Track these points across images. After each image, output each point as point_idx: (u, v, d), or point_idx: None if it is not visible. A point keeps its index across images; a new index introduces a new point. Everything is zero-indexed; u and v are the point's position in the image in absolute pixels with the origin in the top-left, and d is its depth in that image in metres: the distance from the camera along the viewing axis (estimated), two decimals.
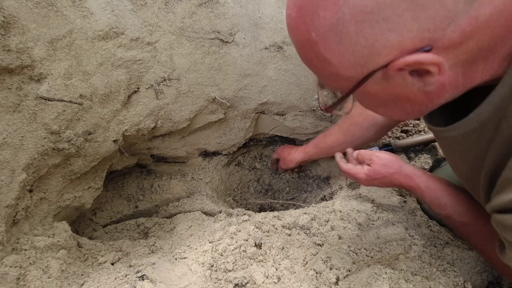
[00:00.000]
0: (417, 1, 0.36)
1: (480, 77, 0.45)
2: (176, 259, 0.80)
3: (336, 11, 0.39)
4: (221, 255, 0.77)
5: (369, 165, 0.84)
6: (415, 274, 0.74)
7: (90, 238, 0.96)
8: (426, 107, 0.49)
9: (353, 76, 0.45)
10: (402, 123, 1.32)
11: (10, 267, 0.68)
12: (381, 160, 0.82)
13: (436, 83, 0.43)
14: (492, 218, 0.52)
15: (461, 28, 0.38)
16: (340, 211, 1.00)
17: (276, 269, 0.75)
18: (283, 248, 0.82)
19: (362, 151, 0.88)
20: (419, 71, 0.42)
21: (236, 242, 0.80)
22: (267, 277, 0.73)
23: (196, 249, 0.83)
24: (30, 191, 0.81)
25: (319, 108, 1.19)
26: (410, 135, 1.28)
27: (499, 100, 0.44)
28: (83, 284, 0.72)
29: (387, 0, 0.37)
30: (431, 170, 1.13)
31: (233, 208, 1.11)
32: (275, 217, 0.99)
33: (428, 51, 0.39)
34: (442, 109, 0.53)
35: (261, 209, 1.40)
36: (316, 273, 0.73)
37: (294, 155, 1.25)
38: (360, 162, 0.89)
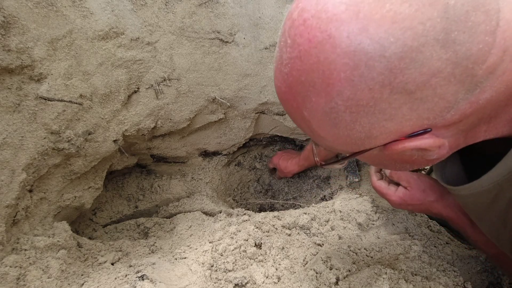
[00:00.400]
0: (414, 96, 0.35)
1: (483, 136, 0.44)
2: (176, 259, 0.80)
3: (329, 100, 0.37)
4: (221, 255, 0.77)
5: (405, 187, 0.74)
6: (415, 274, 0.74)
7: (90, 238, 0.96)
8: (428, 165, 0.48)
9: (347, 151, 0.44)
10: None
11: (10, 267, 0.68)
12: (420, 184, 0.72)
13: (435, 155, 0.42)
14: None
15: (461, 111, 0.37)
16: (340, 211, 1.00)
17: (276, 269, 0.75)
18: (283, 248, 0.82)
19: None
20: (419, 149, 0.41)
21: (236, 242, 0.80)
22: (267, 277, 0.73)
23: (196, 249, 0.83)
24: (30, 191, 0.81)
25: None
26: None
27: None
28: (83, 284, 0.72)
29: (383, 95, 0.35)
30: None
31: (233, 208, 1.11)
32: (275, 217, 0.99)
33: (427, 132, 0.38)
34: (455, 165, 0.52)
35: (261, 209, 1.40)
36: (316, 273, 0.73)
37: (289, 168, 1.29)
38: (394, 181, 0.79)
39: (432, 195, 0.70)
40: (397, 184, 0.76)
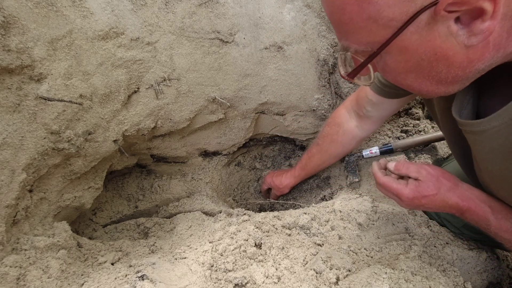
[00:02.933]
0: None
1: None
2: (176, 259, 0.80)
3: None
4: (221, 255, 0.77)
5: (416, 179, 0.67)
6: (415, 274, 0.74)
7: (90, 238, 0.96)
8: (463, 73, 0.44)
9: (395, 19, 0.40)
10: (402, 122, 1.32)
11: (10, 267, 0.68)
12: (432, 173, 0.66)
13: (482, 33, 0.40)
14: None
15: None
16: (340, 211, 1.00)
17: (276, 269, 0.75)
18: (283, 248, 0.82)
19: (404, 161, 0.70)
20: (470, 13, 0.39)
21: (236, 242, 0.80)
22: (267, 277, 0.73)
23: (196, 249, 0.83)
24: (30, 191, 0.81)
25: (339, 76, 1.19)
26: (410, 135, 1.28)
27: None
28: (83, 284, 0.72)
29: None
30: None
31: (233, 208, 1.11)
32: (275, 217, 0.99)
33: None
34: (472, 105, 0.50)
35: (261, 209, 1.40)
36: (316, 273, 0.73)
37: (285, 182, 1.27)
38: (401, 176, 0.72)
39: (447, 183, 0.64)
40: (405, 180, 0.70)
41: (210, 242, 0.85)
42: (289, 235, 0.92)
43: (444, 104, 0.65)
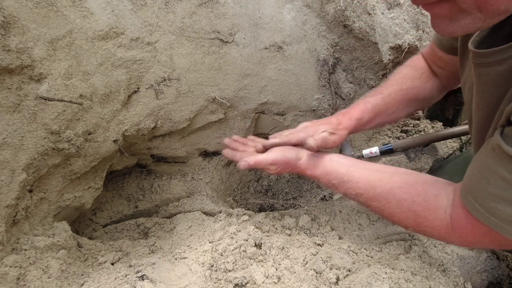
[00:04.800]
0: None
1: None
2: (176, 259, 0.80)
3: None
4: (221, 255, 0.77)
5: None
6: (415, 274, 0.74)
7: (90, 238, 0.96)
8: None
9: None
10: (402, 122, 1.32)
11: (10, 267, 0.68)
12: (274, 166, 0.74)
13: None
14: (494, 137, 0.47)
15: None
16: (340, 211, 1.00)
17: (276, 269, 0.75)
18: (283, 248, 0.82)
19: (257, 162, 0.75)
20: None
21: (236, 242, 0.80)
22: (267, 277, 0.73)
23: (196, 249, 0.83)
24: (30, 191, 0.81)
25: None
26: (410, 135, 1.28)
27: None
28: (83, 284, 0.72)
29: None
30: (431, 170, 1.13)
31: (233, 208, 1.11)
32: (275, 217, 0.99)
33: None
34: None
35: (261, 209, 1.40)
36: (316, 273, 0.73)
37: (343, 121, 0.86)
38: None
39: (288, 169, 0.74)
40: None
41: (210, 242, 0.85)
42: (289, 235, 0.92)
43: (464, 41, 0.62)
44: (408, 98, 0.86)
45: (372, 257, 0.83)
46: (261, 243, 0.82)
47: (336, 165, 0.72)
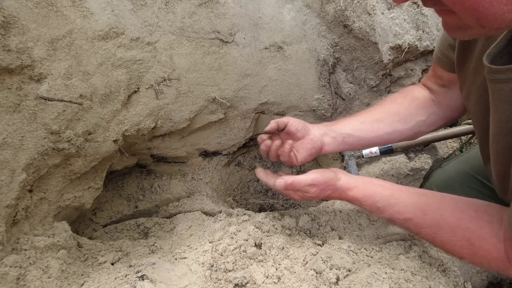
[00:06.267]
0: None
1: None
2: (176, 259, 0.80)
3: None
4: (221, 255, 0.77)
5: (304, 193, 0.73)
6: (415, 274, 0.74)
7: (90, 238, 0.96)
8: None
9: None
10: None
11: (10, 267, 0.68)
12: (314, 188, 0.71)
13: None
14: None
15: None
16: (340, 211, 1.00)
17: (276, 269, 0.75)
18: (283, 248, 0.82)
19: (295, 182, 0.70)
20: None
21: (236, 242, 0.80)
22: (267, 277, 0.73)
23: (196, 249, 0.83)
24: (30, 191, 0.81)
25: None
26: None
27: None
28: (83, 284, 0.72)
29: None
30: (431, 170, 1.13)
31: (233, 208, 1.11)
32: (275, 217, 0.99)
33: None
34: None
35: (261, 209, 1.40)
36: (316, 273, 0.73)
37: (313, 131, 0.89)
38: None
39: (327, 191, 0.71)
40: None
41: (210, 242, 0.85)
42: (289, 235, 0.92)
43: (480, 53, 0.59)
44: (390, 111, 0.85)
45: (372, 257, 0.83)
46: (261, 243, 0.82)
47: (380, 188, 0.68)
